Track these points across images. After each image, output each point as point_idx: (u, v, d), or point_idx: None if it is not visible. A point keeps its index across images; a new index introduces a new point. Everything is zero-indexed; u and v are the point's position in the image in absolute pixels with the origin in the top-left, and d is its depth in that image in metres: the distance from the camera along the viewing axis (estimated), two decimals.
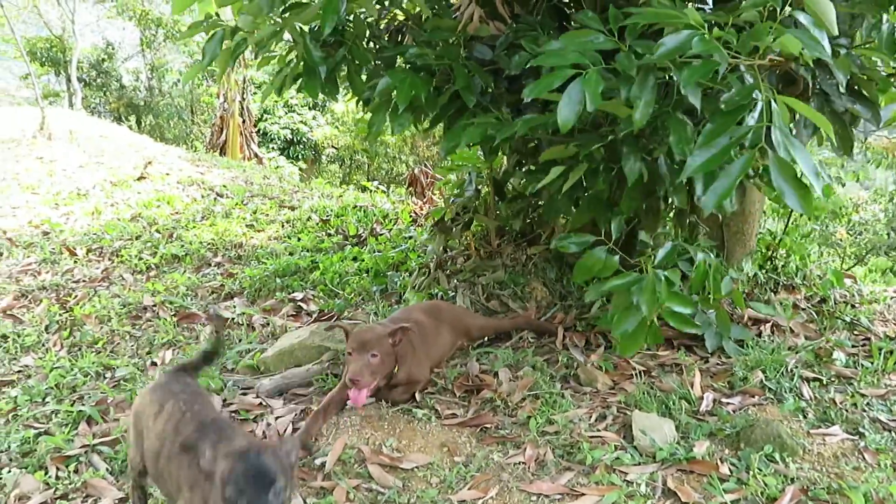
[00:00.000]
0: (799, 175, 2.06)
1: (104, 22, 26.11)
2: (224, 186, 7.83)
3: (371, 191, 7.54)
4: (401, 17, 3.61)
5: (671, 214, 3.77)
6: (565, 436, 2.71)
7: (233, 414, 3.10)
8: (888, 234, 9.49)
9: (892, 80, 3.02)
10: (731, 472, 2.43)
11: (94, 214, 6.63)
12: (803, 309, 3.93)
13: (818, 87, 2.79)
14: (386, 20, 3.68)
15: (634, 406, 2.89)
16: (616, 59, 2.30)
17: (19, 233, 6.02)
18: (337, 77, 3.20)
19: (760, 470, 2.39)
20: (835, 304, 3.98)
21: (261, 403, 3.17)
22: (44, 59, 23.64)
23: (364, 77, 3.32)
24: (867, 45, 2.82)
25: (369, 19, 3.41)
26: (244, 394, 3.27)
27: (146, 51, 25.77)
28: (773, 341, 3.46)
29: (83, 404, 3.22)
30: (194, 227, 6.08)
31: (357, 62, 3.22)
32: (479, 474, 2.52)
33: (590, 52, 2.26)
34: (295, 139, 22.04)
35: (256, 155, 18.55)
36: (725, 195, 2.10)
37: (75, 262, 5.28)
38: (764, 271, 4.02)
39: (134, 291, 4.64)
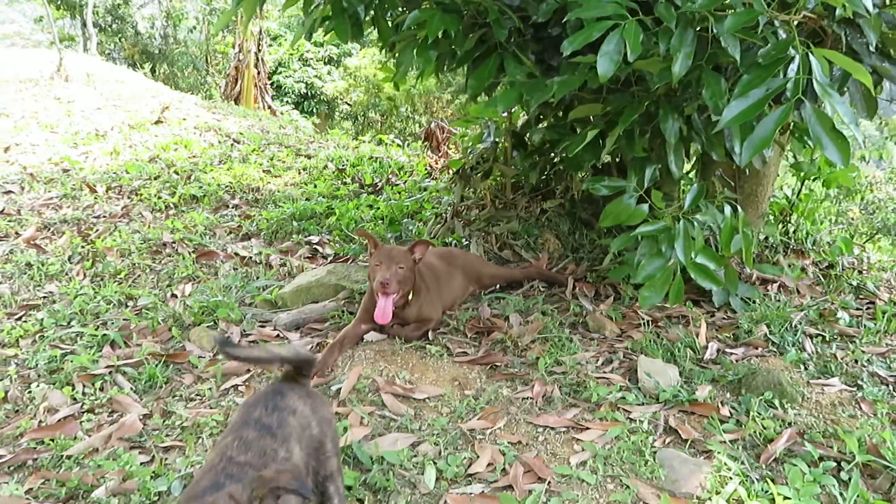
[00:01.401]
0: (836, 127, 2.12)
1: None
2: (240, 134, 7.88)
3: (386, 144, 7.57)
4: None
5: (693, 172, 3.81)
6: (572, 376, 2.80)
7: (252, 344, 3.21)
8: None
9: None
10: (730, 414, 2.53)
11: (113, 154, 6.70)
12: (811, 273, 3.99)
13: (848, 44, 2.81)
14: None
15: (640, 352, 2.99)
16: (655, 9, 2.32)
17: (39, 169, 6.11)
18: (363, 21, 3.22)
19: (760, 414, 2.48)
20: (842, 269, 4.04)
21: (278, 335, 3.28)
22: (59, 3, 23.44)
23: (390, 22, 3.34)
24: None
25: None
26: (262, 326, 3.38)
27: None
28: (779, 300, 3.53)
29: (107, 329, 3.33)
30: (212, 170, 6.15)
31: (385, 5, 3.25)
32: (488, 406, 2.62)
33: (627, 3, 2.29)
34: (309, 93, 21.96)
35: (270, 107, 18.50)
36: (762, 146, 2.15)
37: (95, 198, 5.37)
38: (775, 235, 4.06)
39: (153, 228, 4.74)
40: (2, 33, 26.90)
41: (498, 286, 3.72)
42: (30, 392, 2.81)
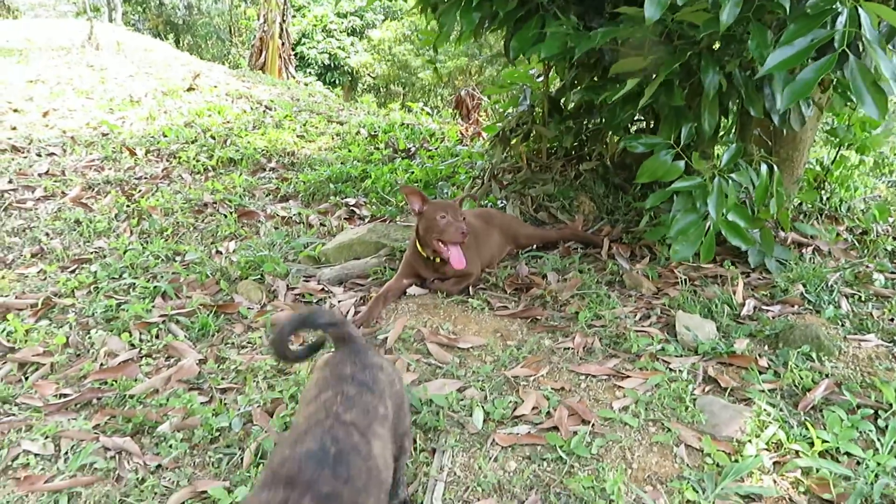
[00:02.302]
0: (877, 82, 2.15)
1: None
2: (271, 101, 7.96)
3: (416, 111, 7.62)
4: None
5: (732, 131, 3.82)
6: (612, 329, 2.88)
7: (298, 297, 3.32)
8: None
9: None
10: (768, 366, 2.59)
11: (149, 120, 6.82)
12: (845, 239, 4.02)
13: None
14: None
15: (678, 308, 3.05)
16: None
17: (79, 133, 6.23)
18: None
19: (797, 365, 2.54)
20: (876, 235, 4.06)
21: (323, 289, 3.38)
22: None
23: None
24: None
25: None
26: (307, 280, 3.48)
27: None
28: (814, 262, 3.57)
29: (158, 282, 3.45)
30: (247, 134, 6.25)
31: None
32: (530, 356, 2.71)
33: None
34: (332, 64, 21.95)
35: (294, 78, 18.54)
36: (802, 93, 2.18)
37: (135, 161, 5.49)
38: (811, 201, 4.08)
39: (194, 189, 4.85)
40: (28, 3, 27.09)
41: (535, 246, 3.79)
42: (89, 338, 2.95)
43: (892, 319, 2.99)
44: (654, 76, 2.81)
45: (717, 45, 2.97)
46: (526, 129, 4.11)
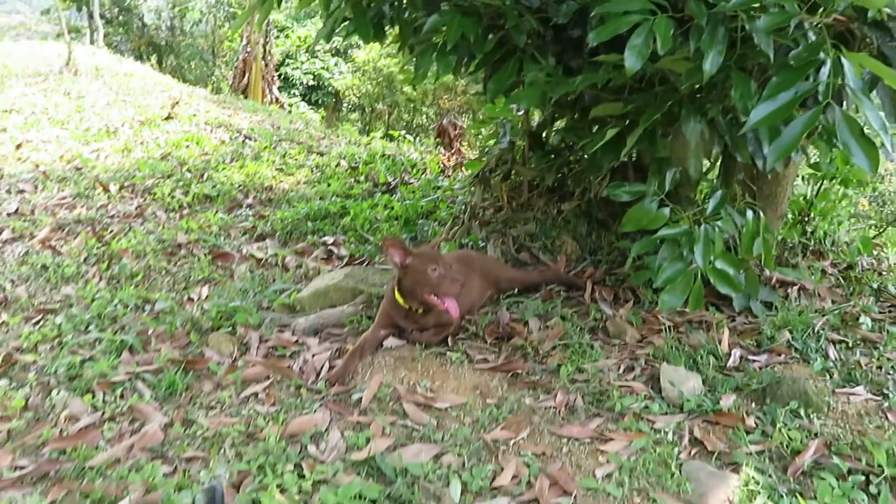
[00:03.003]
0: (865, 132, 2.09)
1: None
2: (251, 129, 7.87)
3: (398, 140, 7.54)
4: None
5: (715, 175, 3.77)
6: (594, 384, 2.79)
7: (271, 350, 3.20)
8: None
9: None
10: (756, 424, 2.50)
11: (125, 152, 6.70)
12: (830, 274, 3.96)
13: (878, 48, 2.77)
14: None
15: (662, 359, 2.96)
16: (687, 7, 2.29)
17: (52, 167, 6.11)
18: (385, 20, 3.20)
19: (785, 424, 2.46)
20: (862, 270, 4.01)
21: (297, 341, 3.27)
22: None
23: (409, 21, 3.31)
24: None
25: None
26: (280, 331, 3.37)
27: None
28: (799, 304, 3.50)
29: (125, 334, 3.33)
30: (225, 168, 6.14)
31: (403, 6, 3.22)
32: (510, 416, 2.61)
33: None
34: (317, 84, 21.92)
35: (278, 99, 18.51)
36: (788, 150, 2.12)
37: (109, 197, 5.37)
38: (794, 237, 4.03)
39: (168, 229, 4.73)
40: (7, 24, 26.93)
41: (516, 290, 3.70)
42: (50, 399, 2.81)
43: (880, 367, 2.92)
44: (634, 122, 2.75)
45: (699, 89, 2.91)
46: (506, 168, 4.03)
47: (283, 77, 21.19)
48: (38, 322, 3.52)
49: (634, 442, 2.40)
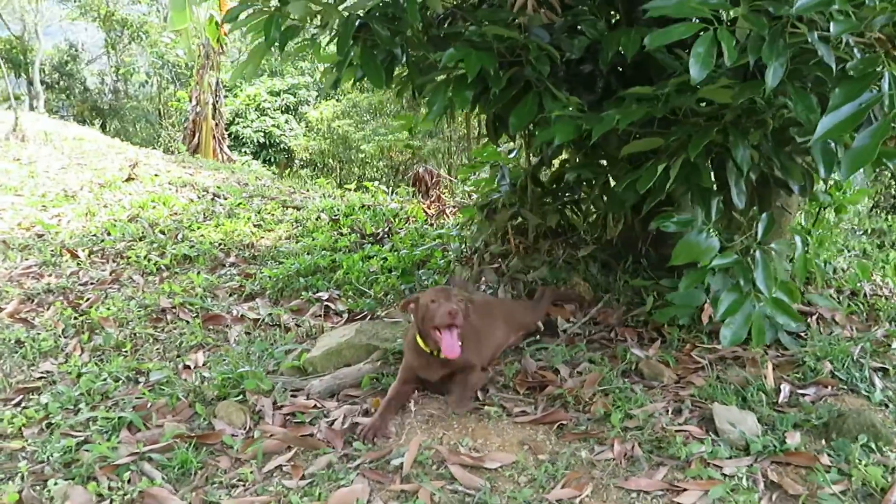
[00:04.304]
0: None
1: (66, 23, 25.39)
2: (218, 187, 7.60)
3: (372, 191, 7.39)
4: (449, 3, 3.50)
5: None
6: (648, 430, 2.62)
7: (288, 417, 2.94)
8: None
9: None
10: (830, 463, 2.37)
11: (88, 215, 6.35)
12: (839, 301, 3.93)
13: None
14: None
15: (709, 399, 2.82)
16: (740, 18, 2.22)
17: (11, 235, 5.72)
18: (397, 63, 3.08)
19: (860, 460, 2.33)
20: (865, 296, 4.00)
21: (315, 405, 3.02)
22: (3, 60, 22.85)
23: (416, 62, 3.20)
24: None
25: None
26: (294, 395, 3.11)
27: (111, 52, 25.14)
28: (821, 332, 3.44)
29: (121, 410, 3.02)
30: (199, 227, 5.86)
31: (411, 50, 3.11)
32: (569, 472, 2.41)
33: (720, 4, 2.20)
34: (268, 142, 21.72)
35: (229, 158, 18.21)
36: (864, 159, 2.03)
37: (78, 264, 5.03)
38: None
39: (148, 293, 4.42)
40: None
41: (538, 336, 3.53)
42: (48, 490, 2.48)
43: None
44: (670, 156, 2.67)
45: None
46: (513, 210, 3.91)
47: (233, 136, 20.93)
48: (19, 403, 3.18)
49: (711, 491, 2.23)
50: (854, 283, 4.11)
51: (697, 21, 2.25)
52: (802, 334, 3.39)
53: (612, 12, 3.40)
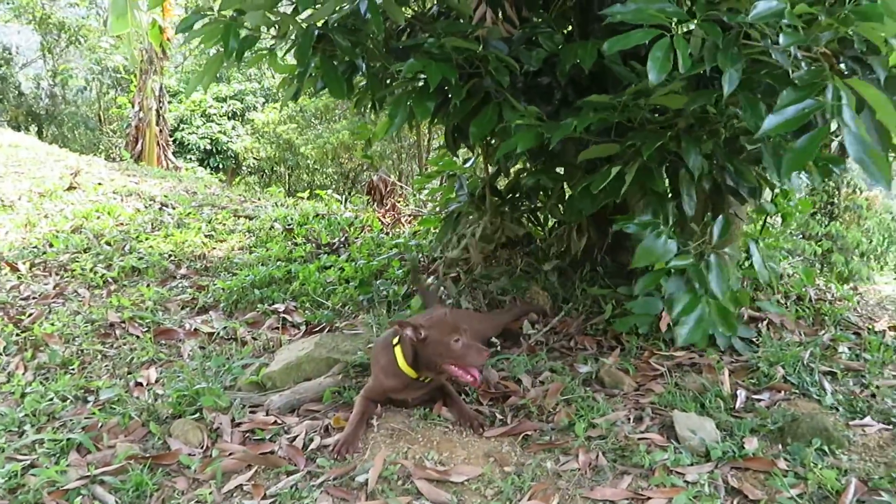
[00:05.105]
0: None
1: None
2: (166, 196, 7.40)
3: (325, 199, 7.31)
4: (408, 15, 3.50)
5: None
6: (612, 439, 2.65)
7: (247, 434, 2.87)
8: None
9: None
10: (787, 467, 2.43)
11: (28, 226, 6.10)
12: (786, 306, 4.06)
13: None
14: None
15: (669, 406, 2.87)
16: (697, 26, 2.28)
17: None
18: (353, 75, 3.06)
19: (815, 463, 2.41)
20: (811, 301, 4.13)
21: (275, 421, 2.95)
22: None
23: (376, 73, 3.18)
24: None
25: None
26: (253, 412, 3.04)
27: (47, 56, 24.27)
28: (772, 338, 3.54)
29: (69, 431, 2.90)
30: (147, 238, 5.68)
31: (371, 61, 3.09)
32: (535, 484, 2.42)
33: (676, 14, 2.26)
34: (214, 149, 21.28)
35: (175, 165, 17.78)
36: (803, 161, 2.13)
37: (19, 277, 4.82)
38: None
39: (95, 308, 4.26)
40: None
41: (498, 346, 3.54)
42: None
43: (873, 395, 2.95)
44: (626, 162, 2.72)
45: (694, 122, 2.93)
46: (474, 219, 3.91)
47: (178, 143, 20.44)
48: None
49: (675, 499, 2.27)
50: (799, 288, 4.24)
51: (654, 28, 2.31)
52: (754, 340, 3.49)
53: (569, 26, 3.44)
